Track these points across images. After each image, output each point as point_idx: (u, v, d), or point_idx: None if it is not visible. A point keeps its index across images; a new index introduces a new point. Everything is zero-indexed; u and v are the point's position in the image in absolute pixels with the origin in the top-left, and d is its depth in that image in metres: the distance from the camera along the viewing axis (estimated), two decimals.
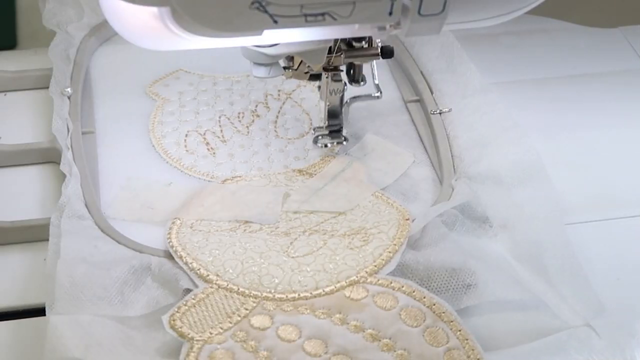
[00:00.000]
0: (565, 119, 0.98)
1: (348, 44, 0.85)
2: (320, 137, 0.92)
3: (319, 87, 0.89)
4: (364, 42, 0.85)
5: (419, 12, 0.70)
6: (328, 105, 0.90)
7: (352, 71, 0.89)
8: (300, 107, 0.98)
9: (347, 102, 0.91)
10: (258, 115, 0.97)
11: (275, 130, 0.96)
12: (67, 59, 1.00)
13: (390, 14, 0.70)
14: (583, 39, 1.09)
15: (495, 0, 0.73)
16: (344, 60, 0.86)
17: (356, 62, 0.87)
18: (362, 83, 0.89)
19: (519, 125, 0.92)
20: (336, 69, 0.87)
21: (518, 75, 1.03)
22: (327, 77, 0.87)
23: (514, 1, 0.74)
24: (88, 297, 0.76)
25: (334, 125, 0.91)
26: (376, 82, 0.90)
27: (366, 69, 0.89)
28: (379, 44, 0.85)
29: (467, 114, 0.95)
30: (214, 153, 0.93)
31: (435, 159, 0.92)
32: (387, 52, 0.86)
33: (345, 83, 0.89)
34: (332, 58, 0.85)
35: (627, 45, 1.08)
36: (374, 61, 0.88)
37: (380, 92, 0.90)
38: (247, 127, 0.96)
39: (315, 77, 0.88)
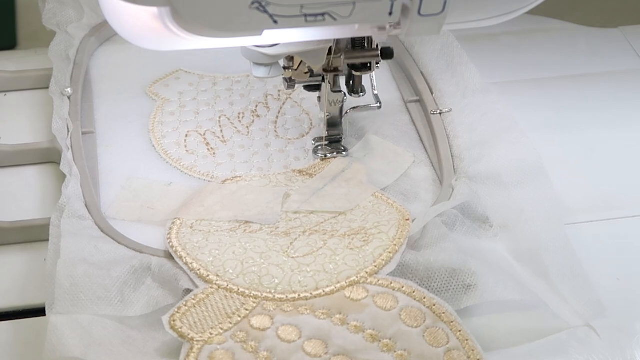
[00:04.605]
0: (565, 119, 0.97)
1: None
2: (319, 148, 0.92)
3: (319, 97, 0.89)
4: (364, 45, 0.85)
5: (419, 12, 0.70)
6: (328, 116, 0.90)
7: (351, 82, 0.89)
8: (300, 107, 0.98)
9: (346, 112, 0.91)
10: (258, 116, 0.97)
11: (275, 131, 0.96)
12: (67, 59, 1.00)
13: (390, 14, 0.70)
14: (583, 39, 1.09)
15: (495, 0, 0.73)
16: (344, 60, 0.86)
17: (356, 62, 0.87)
18: (361, 94, 0.90)
19: (519, 125, 0.92)
20: (336, 70, 0.87)
21: (518, 75, 1.03)
22: (328, 82, 0.87)
23: (514, 1, 0.74)
24: (88, 297, 0.76)
25: (334, 136, 0.92)
26: (375, 92, 0.90)
27: (365, 80, 0.89)
28: (379, 45, 0.86)
29: (467, 114, 0.94)
30: (214, 153, 0.93)
31: (435, 159, 0.92)
32: (387, 54, 0.86)
33: (344, 94, 0.89)
34: (332, 59, 0.85)
35: (627, 45, 1.08)
36: (373, 72, 0.88)
37: (380, 103, 0.90)
38: (247, 127, 0.96)
39: (315, 87, 0.89)
